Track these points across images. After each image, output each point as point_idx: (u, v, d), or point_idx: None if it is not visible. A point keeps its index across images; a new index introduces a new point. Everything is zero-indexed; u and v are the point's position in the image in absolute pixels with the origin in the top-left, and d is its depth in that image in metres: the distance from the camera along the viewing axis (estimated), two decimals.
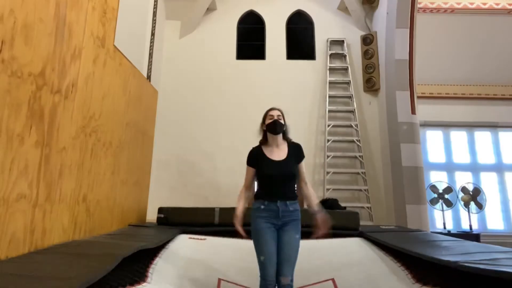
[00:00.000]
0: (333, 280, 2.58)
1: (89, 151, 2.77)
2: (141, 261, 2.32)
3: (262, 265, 2.09)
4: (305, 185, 2.31)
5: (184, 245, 3.10)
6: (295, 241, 2.15)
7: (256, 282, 2.13)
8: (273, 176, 2.20)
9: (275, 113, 2.28)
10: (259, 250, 2.13)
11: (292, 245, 2.13)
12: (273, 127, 2.25)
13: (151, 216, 4.43)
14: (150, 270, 2.31)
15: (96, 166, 2.91)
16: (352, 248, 3.13)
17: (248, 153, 2.33)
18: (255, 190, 2.32)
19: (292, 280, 2.09)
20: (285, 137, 2.33)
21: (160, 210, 3.85)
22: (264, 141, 2.33)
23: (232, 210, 3.78)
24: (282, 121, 2.27)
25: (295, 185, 2.30)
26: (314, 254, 2.83)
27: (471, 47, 6.12)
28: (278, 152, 2.27)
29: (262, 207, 2.18)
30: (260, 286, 2.09)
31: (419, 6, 5.61)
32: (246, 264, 2.75)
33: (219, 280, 2.48)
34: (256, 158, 2.28)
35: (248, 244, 2.99)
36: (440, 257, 2.09)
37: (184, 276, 2.55)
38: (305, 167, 2.34)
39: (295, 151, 2.30)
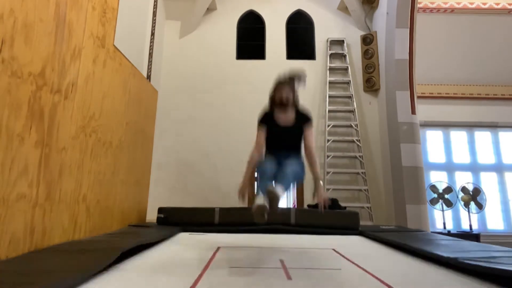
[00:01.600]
0: (333, 249, 2.66)
1: (89, 151, 2.77)
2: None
3: (260, 175, 2.28)
4: (308, 152, 2.43)
5: (185, 238, 3.21)
6: (294, 164, 2.29)
7: (254, 251, 2.36)
8: (280, 142, 2.43)
9: (283, 94, 2.40)
10: (259, 169, 2.34)
11: (292, 165, 2.27)
12: (281, 106, 2.42)
13: (151, 216, 4.43)
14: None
15: (96, 166, 2.91)
16: (353, 241, 3.19)
17: (261, 114, 2.51)
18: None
19: (286, 189, 2.23)
20: (295, 104, 2.48)
21: (160, 210, 3.85)
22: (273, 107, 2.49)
23: (232, 210, 3.83)
24: (290, 100, 2.41)
25: (301, 145, 2.50)
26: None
27: (471, 47, 6.12)
28: (286, 117, 2.45)
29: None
30: (256, 188, 2.29)
31: (419, 6, 5.61)
32: (246, 239, 3.13)
33: (218, 247, 2.59)
34: (267, 120, 2.47)
35: (249, 236, 3.21)
36: (439, 253, 2.10)
37: (186, 245, 2.79)
38: (314, 135, 2.52)
39: (302, 119, 2.46)
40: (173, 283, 1.58)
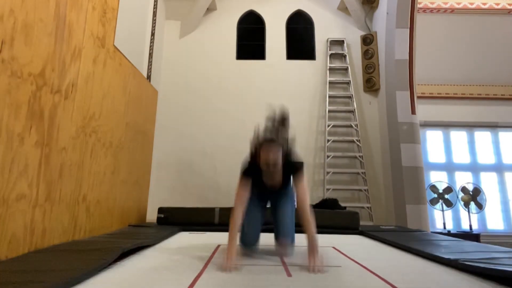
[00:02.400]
0: (333, 247, 2.67)
1: (89, 151, 2.78)
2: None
3: (242, 229, 2.13)
4: (302, 210, 1.97)
5: (185, 236, 3.22)
6: (286, 206, 2.25)
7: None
8: (265, 199, 2.35)
9: (271, 158, 1.92)
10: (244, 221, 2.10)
11: (284, 210, 2.23)
12: (267, 169, 1.99)
13: (151, 216, 4.43)
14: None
15: (96, 166, 2.91)
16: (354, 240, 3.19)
17: (247, 165, 2.09)
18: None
19: (293, 241, 2.24)
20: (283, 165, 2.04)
21: (160, 210, 3.85)
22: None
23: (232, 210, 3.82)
24: (279, 164, 1.97)
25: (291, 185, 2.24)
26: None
27: (471, 47, 6.12)
28: (273, 181, 2.11)
29: None
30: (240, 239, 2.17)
31: (419, 6, 5.61)
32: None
33: (218, 245, 2.60)
34: (252, 174, 2.06)
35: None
36: (439, 255, 2.10)
37: (186, 243, 2.79)
38: (306, 183, 2.07)
39: (291, 171, 2.07)
40: (173, 280, 1.58)
